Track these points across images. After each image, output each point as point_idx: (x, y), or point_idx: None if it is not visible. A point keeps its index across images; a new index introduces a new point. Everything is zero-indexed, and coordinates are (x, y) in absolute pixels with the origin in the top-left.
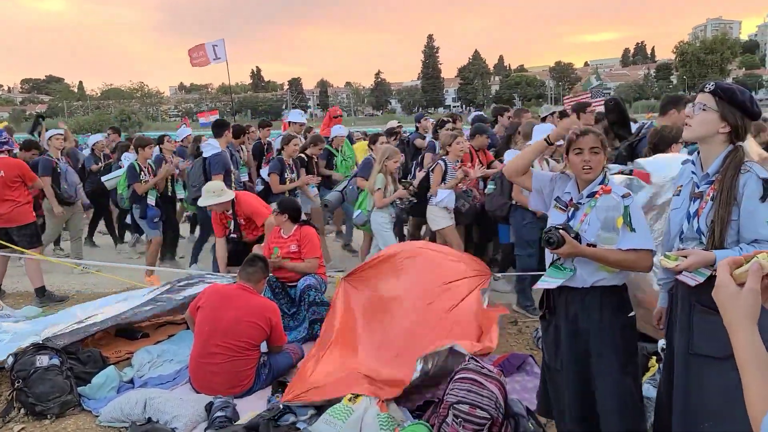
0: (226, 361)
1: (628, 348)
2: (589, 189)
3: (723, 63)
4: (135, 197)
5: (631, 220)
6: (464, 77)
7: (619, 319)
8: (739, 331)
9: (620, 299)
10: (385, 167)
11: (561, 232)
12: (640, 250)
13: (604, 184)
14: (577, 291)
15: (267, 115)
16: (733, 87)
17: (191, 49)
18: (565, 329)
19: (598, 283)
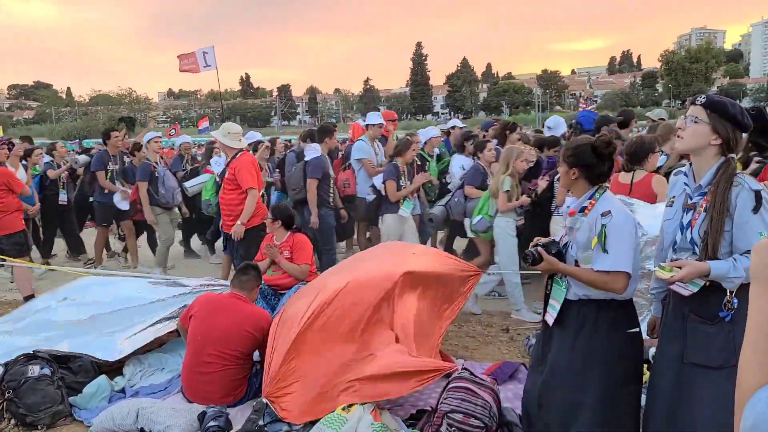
0: (219, 370)
1: (623, 362)
2: (580, 203)
3: (708, 72)
4: None
5: (606, 240)
6: (452, 84)
7: (616, 333)
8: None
9: (618, 314)
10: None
11: (539, 249)
12: (611, 272)
13: (593, 200)
14: (574, 303)
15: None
16: (725, 100)
17: (181, 56)
18: (558, 340)
19: (591, 296)
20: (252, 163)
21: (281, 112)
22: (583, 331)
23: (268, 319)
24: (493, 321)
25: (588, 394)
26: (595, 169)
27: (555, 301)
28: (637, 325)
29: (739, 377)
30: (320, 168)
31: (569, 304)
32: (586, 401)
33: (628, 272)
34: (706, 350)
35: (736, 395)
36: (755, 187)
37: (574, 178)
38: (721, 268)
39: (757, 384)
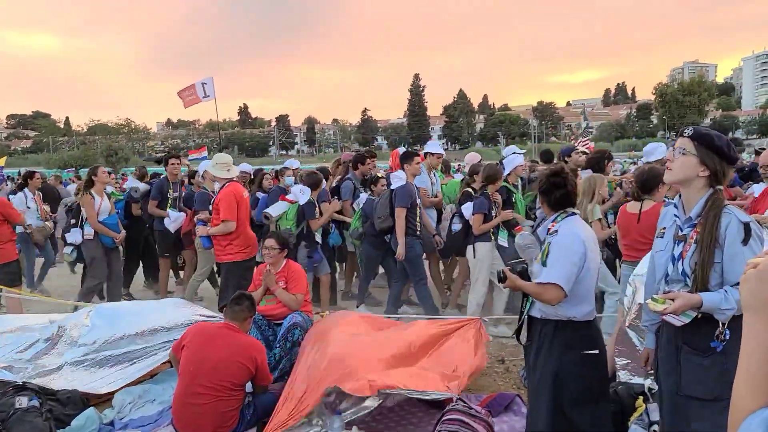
0: (211, 402)
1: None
2: (545, 225)
3: (701, 104)
4: (305, 236)
5: (548, 256)
6: (449, 115)
7: (569, 355)
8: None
9: (575, 335)
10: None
11: (504, 269)
12: (546, 283)
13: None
14: (537, 321)
15: (254, 151)
16: (711, 133)
17: (181, 91)
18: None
19: (549, 316)
20: (234, 194)
21: (279, 141)
22: (542, 349)
23: (260, 350)
24: (489, 352)
25: (542, 411)
26: (551, 196)
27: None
28: (596, 347)
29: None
30: (408, 196)
31: (534, 321)
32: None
33: (560, 285)
34: (700, 382)
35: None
36: (744, 219)
37: (541, 204)
38: (713, 299)
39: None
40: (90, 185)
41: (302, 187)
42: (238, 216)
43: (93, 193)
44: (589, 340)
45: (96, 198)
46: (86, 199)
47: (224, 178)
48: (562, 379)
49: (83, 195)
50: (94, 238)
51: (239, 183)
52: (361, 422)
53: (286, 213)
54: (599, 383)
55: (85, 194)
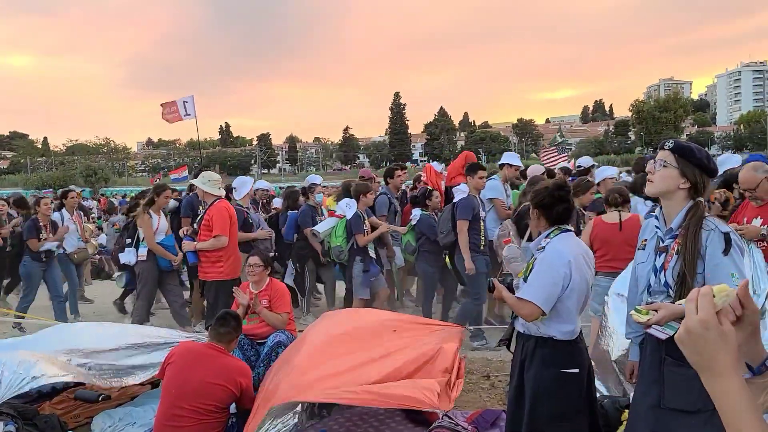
0: (193, 424)
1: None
2: (537, 242)
3: (677, 120)
4: (358, 250)
5: (531, 272)
6: (431, 133)
7: (547, 372)
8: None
9: (553, 352)
10: None
11: (493, 280)
12: (523, 299)
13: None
14: (521, 336)
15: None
16: (692, 145)
17: (164, 104)
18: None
19: (531, 332)
20: (227, 210)
21: (261, 160)
22: (524, 365)
23: (246, 374)
24: (474, 368)
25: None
26: (552, 210)
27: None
28: (575, 366)
29: None
30: (470, 208)
31: (519, 336)
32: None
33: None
34: (683, 395)
35: None
36: (724, 229)
37: (536, 218)
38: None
39: None
40: (150, 204)
41: (348, 201)
42: (230, 233)
43: (151, 212)
44: (569, 358)
45: (154, 217)
46: (144, 219)
47: (215, 195)
48: (540, 396)
49: (142, 214)
50: (148, 259)
51: (226, 200)
52: None
53: (335, 229)
54: (576, 401)
55: (143, 213)
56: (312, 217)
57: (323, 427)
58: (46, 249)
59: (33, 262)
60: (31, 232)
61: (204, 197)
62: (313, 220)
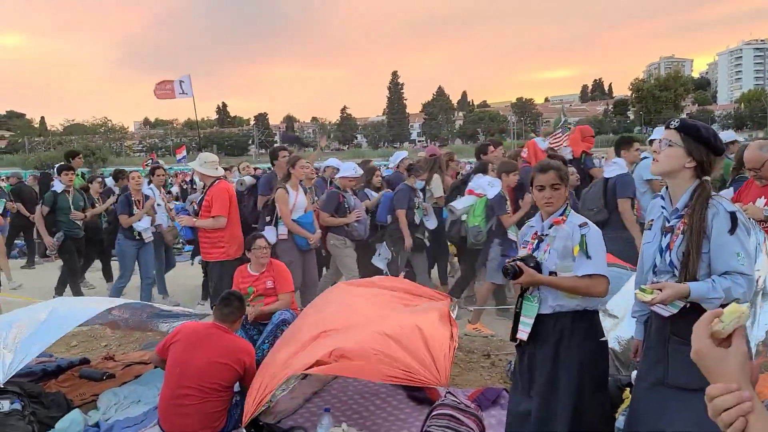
0: (198, 403)
1: (596, 372)
2: (549, 220)
3: (677, 99)
4: (497, 232)
5: (587, 247)
6: (429, 113)
7: (589, 343)
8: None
9: (591, 324)
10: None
11: (518, 263)
12: (594, 275)
13: (565, 216)
14: (548, 317)
15: (233, 150)
16: (698, 124)
17: (158, 83)
18: (540, 355)
19: (565, 308)
20: (226, 190)
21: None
22: (562, 342)
23: (249, 352)
24: (474, 347)
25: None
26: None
27: (527, 318)
28: (604, 335)
29: None
30: (631, 186)
31: (543, 318)
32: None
33: (607, 276)
34: (687, 373)
35: None
36: (730, 208)
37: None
38: (700, 289)
39: None
40: (287, 178)
41: (491, 179)
42: (229, 213)
43: (288, 187)
44: (600, 328)
45: (291, 193)
46: (280, 195)
47: (213, 176)
48: (586, 367)
49: (278, 189)
50: (288, 238)
51: (226, 181)
52: (349, 419)
53: (473, 208)
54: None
55: (281, 188)
56: (410, 198)
57: (327, 405)
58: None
59: (126, 240)
60: (123, 207)
61: (203, 179)
62: (410, 202)
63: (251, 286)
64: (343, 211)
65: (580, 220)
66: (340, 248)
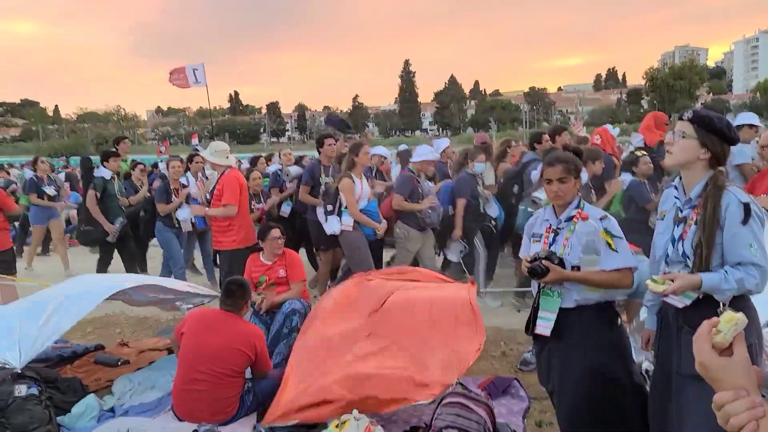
0: (210, 388)
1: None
2: (566, 214)
3: (692, 88)
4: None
5: (614, 242)
6: (441, 101)
7: (616, 327)
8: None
9: (612, 315)
10: None
11: (545, 262)
12: (622, 269)
13: (581, 209)
14: (572, 311)
15: (245, 139)
16: (711, 114)
17: (172, 71)
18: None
19: (588, 302)
20: (237, 179)
21: (270, 129)
22: (590, 332)
23: (260, 337)
24: (487, 337)
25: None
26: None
27: (548, 313)
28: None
29: None
30: None
31: (567, 313)
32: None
33: (634, 267)
34: None
35: None
36: (744, 199)
37: (578, 188)
38: (713, 280)
39: None
40: (350, 167)
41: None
42: (240, 202)
43: (353, 175)
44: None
45: (356, 182)
46: (346, 183)
47: (224, 165)
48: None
49: (342, 178)
50: (356, 228)
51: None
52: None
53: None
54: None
55: (346, 177)
56: (473, 187)
57: None
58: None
59: (165, 227)
60: (161, 196)
61: (214, 168)
62: (473, 191)
63: (264, 275)
64: (417, 196)
65: (599, 213)
66: (403, 238)
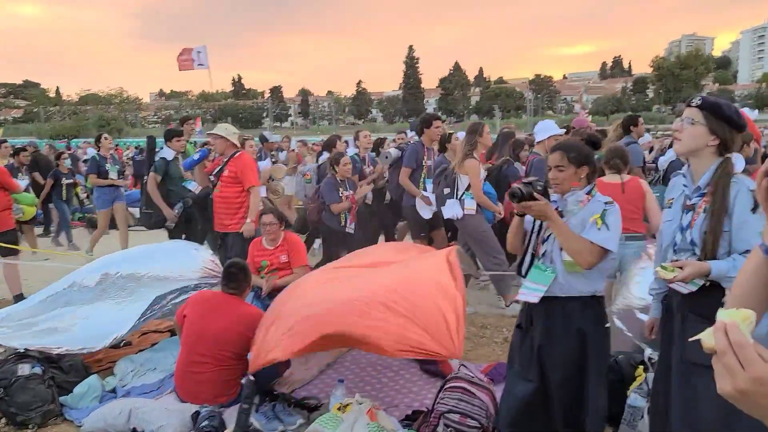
0: (213, 371)
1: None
2: (576, 198)
3: (697, 78)
4: None
5: (606, 220)
6: (445, 88)
7: (599, 329)
8: None
9: (600, 310)
10: None
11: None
12: (596, 244)
13: (590, 195)
14: (558, 300)
15: (248, 123)
16: (720, 101)
17: (180, 52)
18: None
19: (578, 293)
20: (254, 162)
21: (273, 113)
22: (571, 329)
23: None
24: (488, 322)
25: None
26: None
27: (536, 284)
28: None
29: None
30: None
31: (550, 301)
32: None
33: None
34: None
35: None
36: (753, 187)
37: (582, 177)
38: (721, 267)
39: None
40: (473, 147)
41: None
42: None
43: (476, 156)
44: (605, 313)
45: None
46: (471, 164)
47: (236, 147)
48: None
49: (467, 159)
50: (478, 212)
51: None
52: (362, 390)
53: None
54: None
55: (472, 159)
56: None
57: (341, 377)
58: None
59: None
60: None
61: (225, 149)
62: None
63: (265, 259)
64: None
65: (606, 199)
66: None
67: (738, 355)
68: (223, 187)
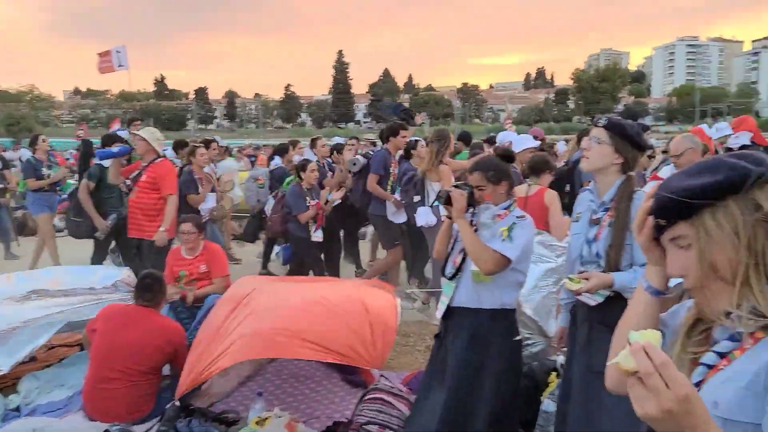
0: (124, 386)
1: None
2: (492, 212)
3: (615, 91)
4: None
5: (512, 232)
6: (375, 94)
7: (506, 341)
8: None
9: (511, 323)
10: None
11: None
12: (497, 252)
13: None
14: (469, 312)
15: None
16: (623, 122)
17: (100, 54)
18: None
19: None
20: (174, 169)
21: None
22: (476, 342)
23: (179, 332)
24: (411, 330)
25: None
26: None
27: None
28: (519, 333)
29: None
30: None
31: (462, 312)
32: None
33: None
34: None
35: None
36: None
37: (502, 192)
38: (624, 279)
39: None
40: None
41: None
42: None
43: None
44: (516, 325)
45: None
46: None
47: (158, 154)
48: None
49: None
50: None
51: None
52: (282, 403)
53: None
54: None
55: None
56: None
57: (260, 389)
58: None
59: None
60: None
61: (146, 154)
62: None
63: (184, 269)
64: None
65: (520, 213)
66: None
67: (662, 374)
68: (140, 193)
